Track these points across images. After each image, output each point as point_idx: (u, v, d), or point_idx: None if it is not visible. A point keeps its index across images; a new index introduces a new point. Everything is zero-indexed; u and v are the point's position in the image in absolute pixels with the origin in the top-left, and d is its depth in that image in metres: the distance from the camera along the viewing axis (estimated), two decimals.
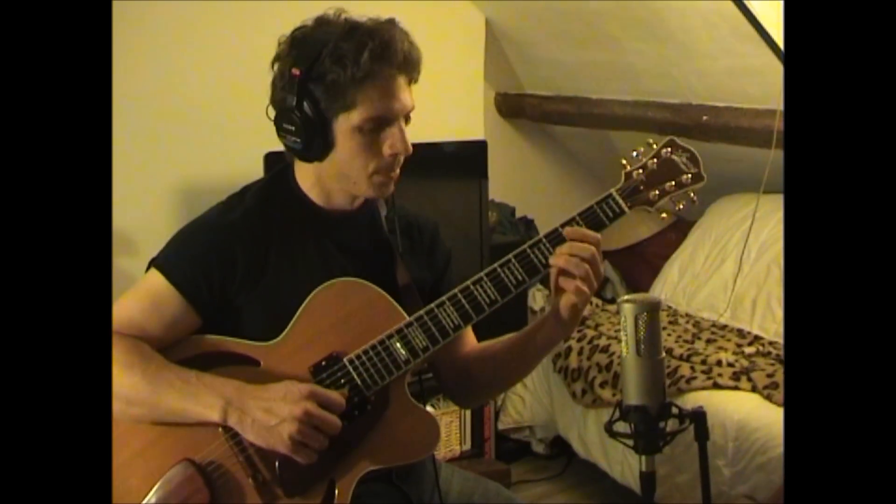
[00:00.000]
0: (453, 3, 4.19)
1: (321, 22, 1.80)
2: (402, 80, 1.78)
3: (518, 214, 4.50)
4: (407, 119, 1.82)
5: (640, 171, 1.83)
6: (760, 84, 3.46)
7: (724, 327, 3.68)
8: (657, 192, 1.82)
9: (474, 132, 4.25)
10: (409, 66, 1.79)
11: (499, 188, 4.22)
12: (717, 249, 4.01)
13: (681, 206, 1.85)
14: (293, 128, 1.77)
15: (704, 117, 3.75)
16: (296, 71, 1.75)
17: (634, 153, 1.85)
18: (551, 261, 1.76)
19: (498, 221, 4.29)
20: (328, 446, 1.71)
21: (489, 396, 2.42)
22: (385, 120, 1.77)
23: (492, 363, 1.98)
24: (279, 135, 1.81)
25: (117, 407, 1.72)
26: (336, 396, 1.72)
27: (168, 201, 3.57)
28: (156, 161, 3.56)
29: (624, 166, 1.84)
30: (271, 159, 3.22)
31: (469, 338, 2.03)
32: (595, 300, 3.94)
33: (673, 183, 1.83)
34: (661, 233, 4.47)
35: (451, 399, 2.18)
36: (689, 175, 1.83)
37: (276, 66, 1.82)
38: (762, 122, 3.48)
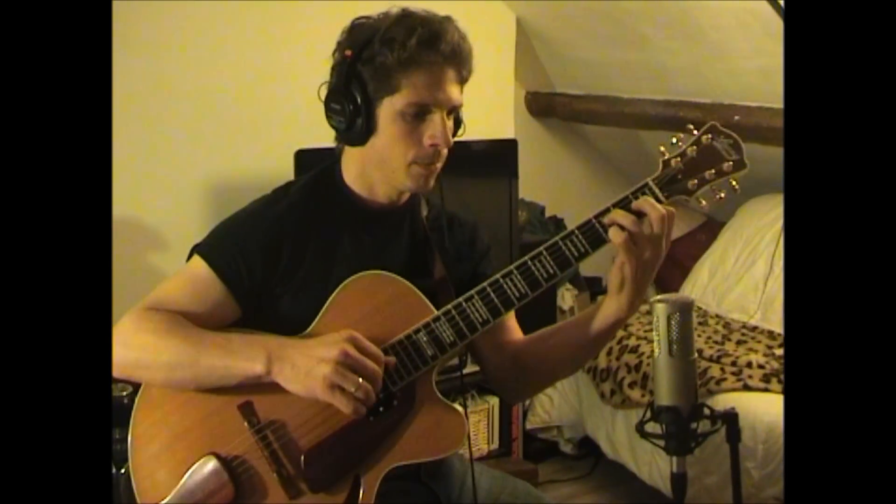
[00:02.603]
0: (484, 2, 4.18)
1: (382, 14, 1.82)
2: (450, 73, 1.78)
3: (548, 214, 4.50)
4: (452, 113, 1.81)
5: (679, 159, 1.76)
6: None
7: (754, 329, 3.66)
8: (696, 181, 1.75)
9: (505, 131, 4.25)
10: (458, 59, 1.79)
11: (529, 187, 4.21)
12: (748, 250, 3.99)
13: (721, 196, 1.77)
14: (339, 107, 1.79)
15: (736, 117, 3.72)
16: (348, 52, 1.77)
17: (674, 140, 1.77)
18: (609, 216, 1.74)
19: (527, 220, 4.28)
20: (353, 441, 1.71)
21: (541, 387, 2.38)
22: (427, 108, 1.77)
23: (543, 348, 1.95)
24: (326, 115, 1.83)
25: (160, 375, 1.74)
26: (374, 348, 1.72)
27: (199, 198, 3.59)
28: (187, 158, 3.58)
29: (662, 154, 1.77)
30: (302, 156, 3.23)
31: (512, 327, 2.00)
32: None
33: (713, 171, 1.75)
34: (692, 233, 4.45)
35: (499, 392, 2.17)
36: (731, 162, 1.75)
37: (335, 54, 1.84)
38: None
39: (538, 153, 4.64)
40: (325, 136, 1.88)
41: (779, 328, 3.60)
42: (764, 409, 2.99)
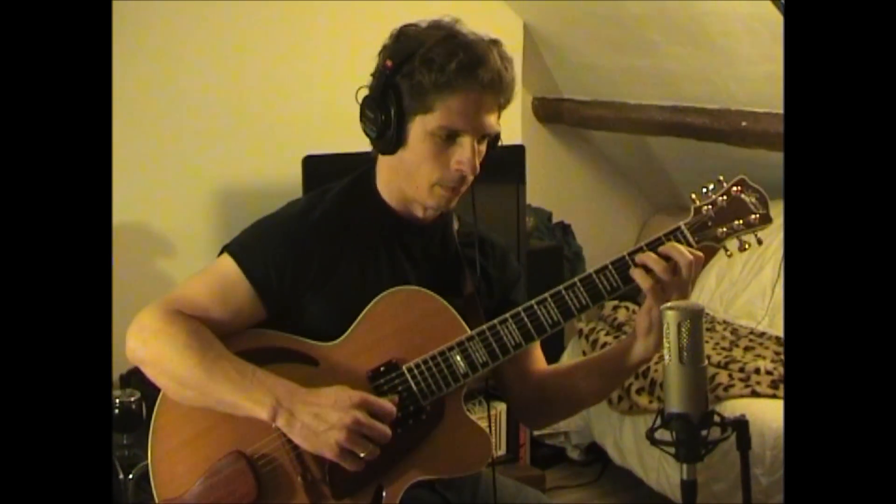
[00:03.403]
0: (491, 6, 4.19)
1: (433, 25, 1.81)
2: (488, 100, 1.78)
3: (555, 219, 4.49)
4: (485, 139, 1.82)
5: (710, 207, 1.83)
6: None
7: (762, 335, 3.65)
8: (725, 229, 1.83)
9: (512, 137, 4.24)
10: (498, 88, 1.78)
11: (536, 193, 4.21)
12: (756, 256, 3.97)
13: (747, 247, 1.86)
14: (372, 116, 1.79)
15: (744, 123, 3.72)
16: (389, 63, 1.76)
17: (704, 189, 1.85)
18: (637, 258, 1.78)
19: (535, 226, 4.28)
20: (379, 453, 1.71)
21: (562, 417, 2.43)
22: (459, 133, 1.77)
23: (568, 381, 1.98)
24: (360, 120, 1.83)
25: (170, 385, 1.75)
26: (387, 405, 1.72)
27: (206, 204, 3.59)
28: (194, 164, 3.59)
29: (693, 201, 1.84)
30: (310, 163, 3.23)
31: (538, 356, 2.02)
32: (632, 306, 3.92)
33: (741, 222, 1.84)
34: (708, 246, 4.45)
35: (520, 419, 2.22)
36: (757, 216, 1.84)
37: (379, 56, 1.83)
38: None
39: (545, 159, 4.64)
40: (332, 143, 1.89)
41: None
42: (772, 415, 2.98)
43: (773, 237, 3.92)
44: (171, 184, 3.53)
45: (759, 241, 1.88)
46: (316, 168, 3.22)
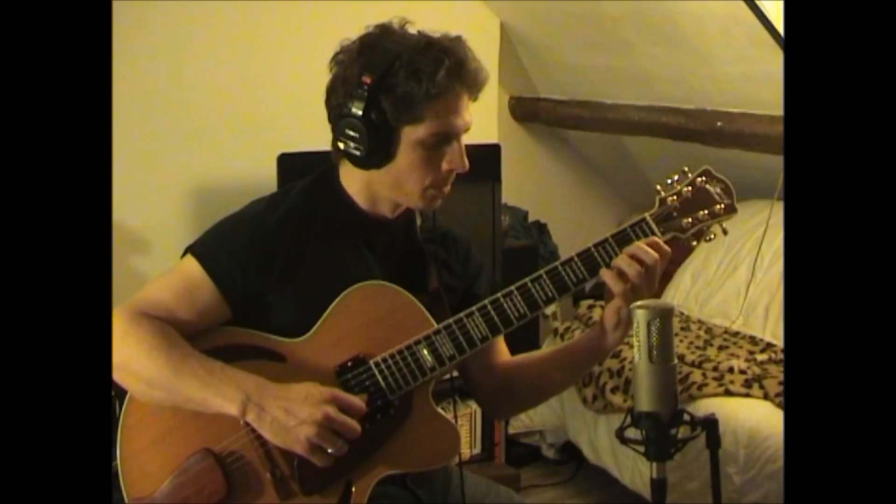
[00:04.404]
0: (468, 5, 4.19)
1: (388, 31, 1.80)
2: (466, 98, 1.80)
3: (531, 218, 4.50)
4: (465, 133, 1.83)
5: (675, 197, 1.84)
6: (775, 90, 3.44)
7: (736, 334, 3.66)
8: (690, 219, 1.84)
9: (488, 135, 4.25)
10: (476, 84, 1.80)
11: (512, 192, 4.21)
12: (731, 256, 3.99)
13: (711, 237, 1.87)
14: (357, 135, 1.76)
15: (719, 123, 3.73)
16: (367, 79, 1.73)
17: (669, 180, 1.86)
18: (613, 263, 1.78)
19: (511, 225, 4.28)
20: (348, 447, 1.71)
21: (526, 407, 2.46)
22: (448, 136, 1.78)
23: (534, 373, 1.99)
24: (339, 139, 1.79)
25: (139, 387, 1.74)
26: (357, 402, 1.73)
27: (181, 202, 3.58)
28: (169, 161, 3.58)
29: (658, 192, 1.85)
30: (285, 161, 3.23)
31: (502, 349, 2.03)
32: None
33: (706, 212, 1.84)
34: (674, 238, 4.46)
35: (485, 409, 2.23)
36: (722, 206, 1.85)
37: (337, 69, 1.80)
38: (777, 129, 3.46)
39: (522, 158, 4.65)
40: (306, 141, 1.89)
41: (760, 333, 3.61)
42: (745, 414, 2.99)
43: (748, 237, 3.94)
44: (146, 182, 3.52)
45: (725, 232, 1.88)
46: (291, 166, 3.22)
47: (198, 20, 3.58)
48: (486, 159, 3.74)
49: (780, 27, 3.17)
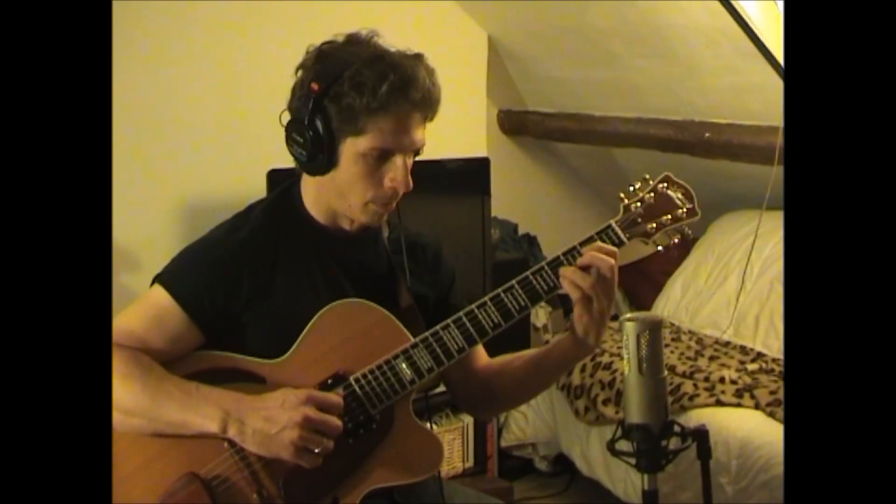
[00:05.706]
0: (456, 19, 4.20)
1: (351, 41, 1.82)
2: (417, 117, 1.79)
3: (521, 231, 4.50)
4: (416, 154, 1.83)
5: (638, 204, 1.88)
6: (763, 101, 3.46)
7: (726, 344, 3.67)
8: (654, 224, 1.88)
9: (477, 149, 4.26)
10: (428, 104, 1.79)
11: (501, 205, 4.22)
12: (720, 266, 4.01)
13: (675, 240, 1.92)
14: (301, 140, 1.78)
15: (707, 134, 3.75)
16: (315, 86, 1.76)
17: (631, 187, 1.90)
18: (562, 272, 1.79)
19: (500, 238, 4.29)
20: (332, 464, 1.71)
21: (509, 409, 2.51)
22: (391, 152, 1.79)
23: (511, 378, 2.00)
24: (287, 142, 1.82)
25: (117, 417, 1.72)
26: (334, 398, 1.74)
27: (170, 218, 3.57)
28: (158, 177, 3.57)
29: (622, 199, 1.89)
30: (275, 176, 3.22)
31: (480, 353, 2.05)
32: None
33: (669, 216, 1.88)
34: (664, 249, 4.47)
35: (468, 412, 2.25)
36: (684, 210, 1.88)
37: (298, 74, 1.83)
38: (764, 139, 3.48)
39: (511, 171, 4.65)
40: None
41: (751, 343, 3.62)
42: (737, 424, 3.00)
43: (737, 247, 3.96)
44: (136, 197, 3.51)
45: (688, 235, 1.93)
46: (281, 182, 3.21)
47: (187, 35, 3.58)
48: (475, 172, 3.75)
49: (766, 39, 3.20)
